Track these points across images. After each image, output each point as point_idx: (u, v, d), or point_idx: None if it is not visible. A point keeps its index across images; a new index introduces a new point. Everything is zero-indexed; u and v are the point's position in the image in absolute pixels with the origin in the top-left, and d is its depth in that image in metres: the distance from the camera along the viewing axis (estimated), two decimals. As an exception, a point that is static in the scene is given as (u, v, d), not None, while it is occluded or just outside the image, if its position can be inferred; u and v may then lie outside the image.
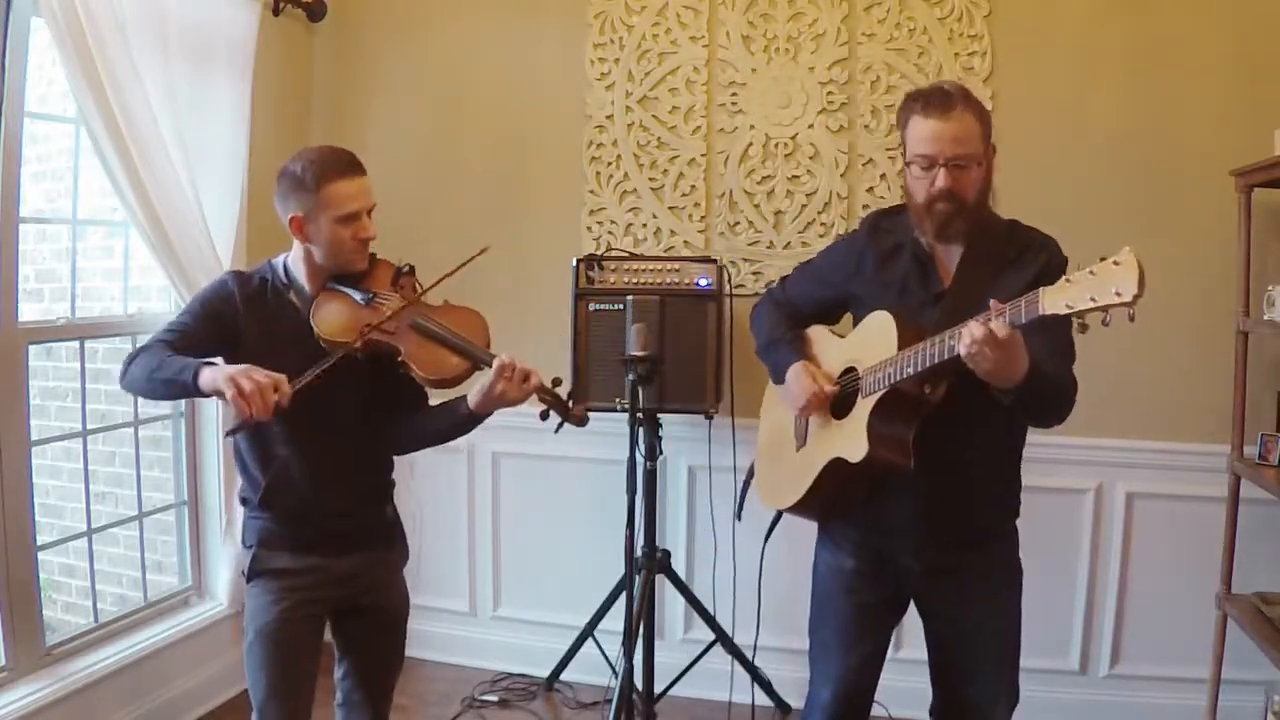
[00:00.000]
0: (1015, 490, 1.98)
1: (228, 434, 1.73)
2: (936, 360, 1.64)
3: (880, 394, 1.77)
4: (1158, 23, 2.84)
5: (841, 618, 1.98)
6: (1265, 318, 2.56)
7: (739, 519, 2.31)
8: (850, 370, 1.91)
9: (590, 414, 2.06)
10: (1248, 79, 2.77)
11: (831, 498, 1.95)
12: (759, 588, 2.31)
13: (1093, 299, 1.40)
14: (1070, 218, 2.87)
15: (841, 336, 2.03)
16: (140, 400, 2.96)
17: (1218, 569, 2.73)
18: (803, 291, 2.12)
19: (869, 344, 1.85)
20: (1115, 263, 1.38)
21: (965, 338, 1.55)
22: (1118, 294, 1.36)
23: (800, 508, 2.01)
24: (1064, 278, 1.45)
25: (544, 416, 1.98)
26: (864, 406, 1.81)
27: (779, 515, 2.16)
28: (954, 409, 1.75)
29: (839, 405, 1.92)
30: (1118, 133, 2.87)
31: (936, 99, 1.77)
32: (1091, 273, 1.41)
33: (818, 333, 2.09)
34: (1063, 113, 2.91)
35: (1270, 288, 2.55)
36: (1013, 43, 2.94)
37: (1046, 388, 1.69)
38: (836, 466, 1.86)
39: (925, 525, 1.87)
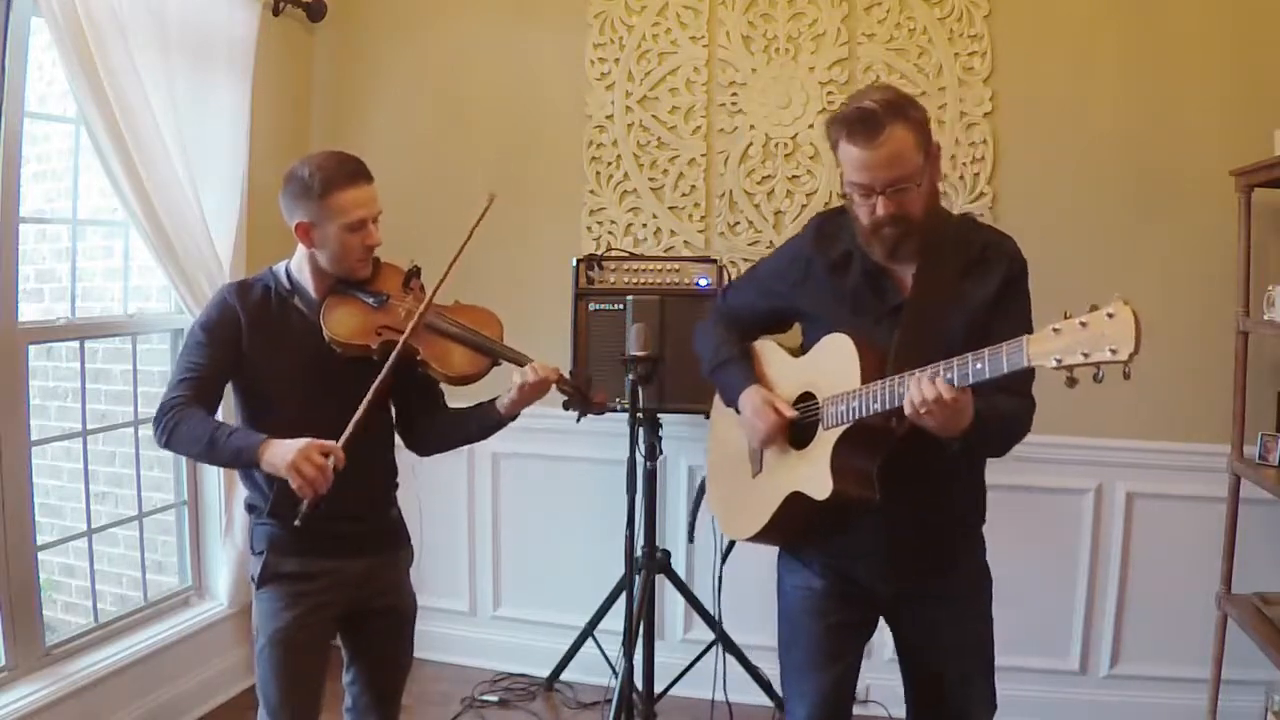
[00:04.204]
0: (981, 498, 1.88)
1: (298, 524, 1.74)
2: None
3: (844, 428, 1.67)
4: (1158, 23, 2.84)
5: (812, 639, 1.87)
6: (1265, 318, 2.56)
7: (691, 541, 2.26)
8: (807, 395, 1.81)
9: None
10: (1248, 79, 2.77)
11: (792, 530, 1.86)
12: (718, 603, 2.27)
13: (1084, 354, 1.29)
14: (1070, 218, 2.88)
15: (793, 353, 1.92)
16: (140, 400, 2.96)
17: (1218, 569, 2.73)
18: (747, 302, 1.99)
19: (828, 370, 1.74)
20: (1109, 314, 1.27)
21: (913, 396, 1.48)
22: (1112, 351, 1.26)
23: (760, 539, 1.90)
24: (1050, 327, 1.34)
25: (566, 407, 2.02)
26: (826, 440, 1.71)
27: (733, 541, 2.08)
28: (916, 434, 1.62)
29: (796, 433, 1.81)
30: (1118, 133, 2.87)
31: (861, 124, 1.61)
32: (1082, 324, 1.30)
33: (768, 350, 1.97)
34: (1063, 113, 2.91)
35: (1270, 288, 2.55)
36: (1013, 43, 2.94)
37: (994, 430, 1.62)
38: (797, 501, 1.76)
39: (892, 548, 1.78)
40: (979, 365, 1.44)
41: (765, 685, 2.97)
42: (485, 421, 1.99)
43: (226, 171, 2.90)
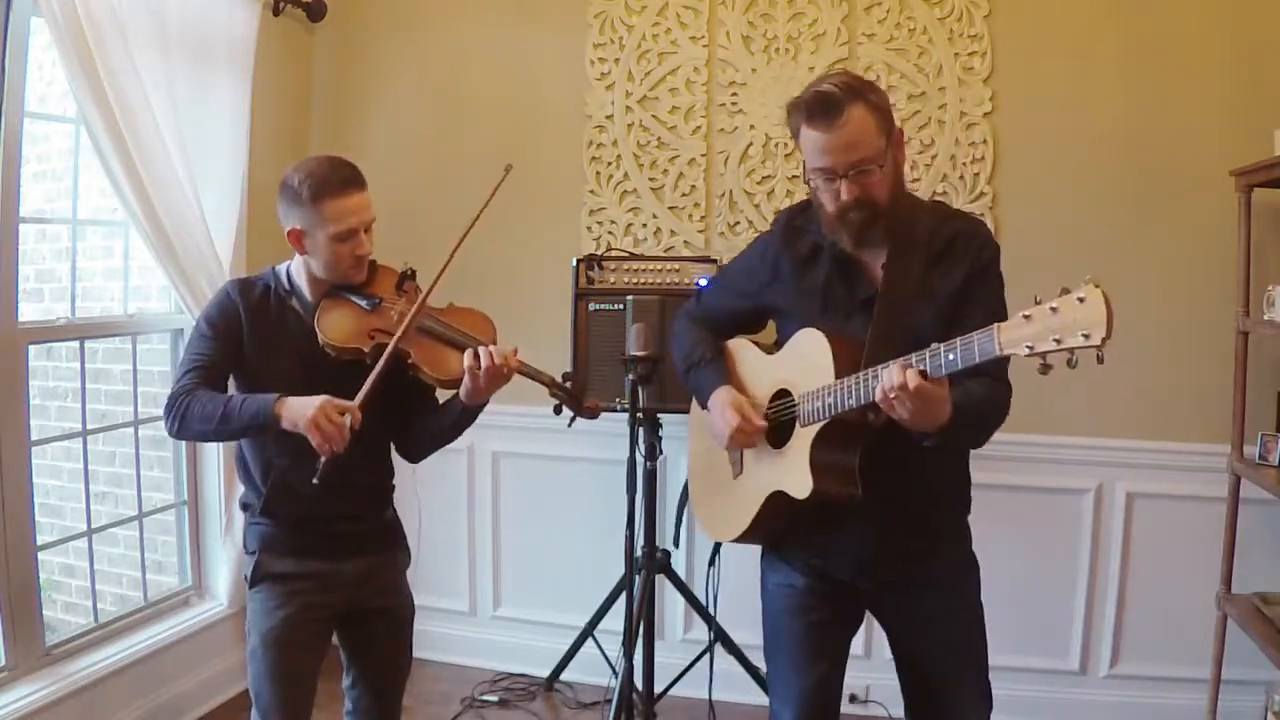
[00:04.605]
0: (965, 488, 1.86)
1: (317, 482, 1.74)
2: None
3: (821, 424, 1.66)
4: (1157, 23, 2.84)
5: (795, 638, 1.84)
6: (1265, 318, 2.56)
7: (677, 546, 2.26)
8: (783, 393, 1.79)
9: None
10: (1248, 79, 2.77)
11: (776, 529, 1.84)
12: (707, 604, 2.22)
13: (1056, 340, 1.27)
14: (1070, 218, 2.88)
15: (767, 350, 1.90)
16: (140, 400, 2.96)
17: (1218, 569, 2.73)
18: (719, 304, 1.99)
19: (802, 366, 1.72)
20: (1080, 299, 1.25)
21: (884, 383, 1.47)
22: (1085, 336, 1.24)
23: (744, 539, 1.89)
24: (1021, 313, 1.33)
25: (557, 411, 2.01)
26: (804, 437, 1.69)
27: (719, 543, 2.06)
28: (896, 425, 1.59)
29: (775, 430, 1.80)
30: (1118, 133, 2.87)
31: (820, 106, 1.61)
32: (1053, 309, 1.28)
33: (742, 349, 1.95)
34: (1063, 113, 2.90)
35: (1270, 288, 2.55)
36: (1013, 43, 2.94)
37: (973, 421, 1.60)
38: (779, 499, 1.75)
39: (876, 541, 1.75)
40: (951, 356, 1.43)
41: (765, 685, 2.96)
42: (452, 414, 1.95)
43: (226, 171, 2.90)
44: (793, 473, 1.71)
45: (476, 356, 1.82)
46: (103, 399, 3.25)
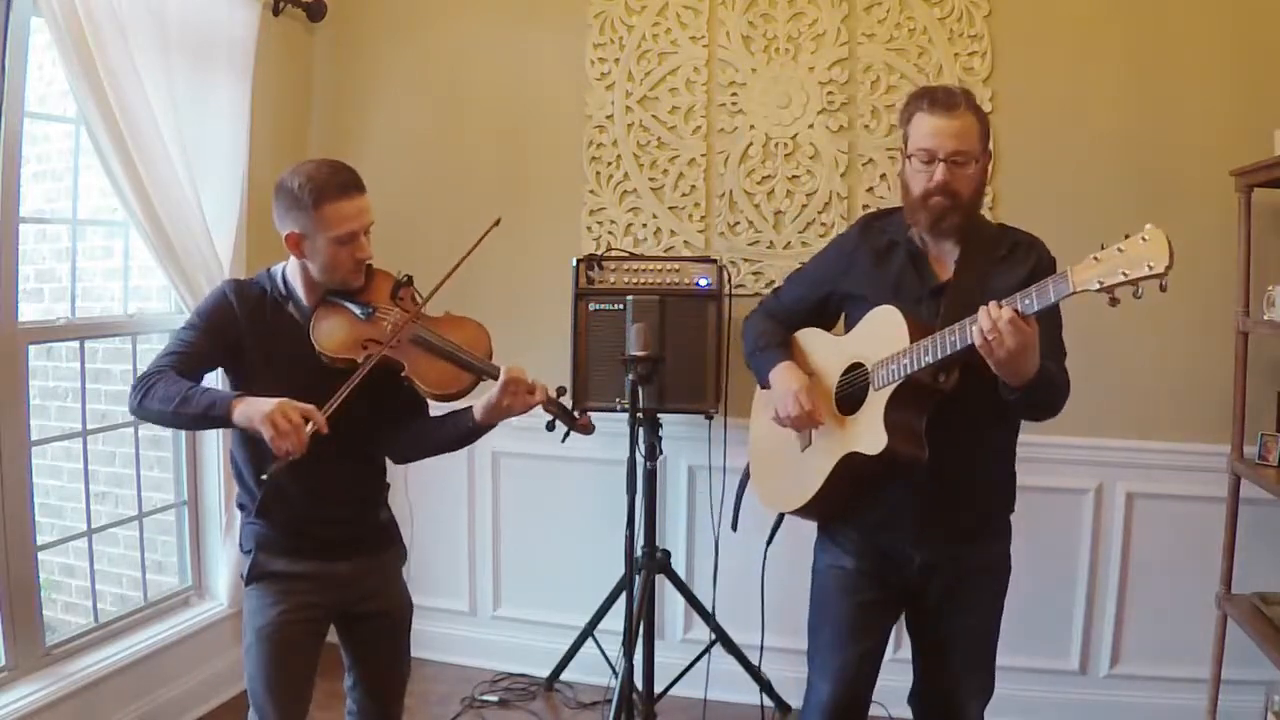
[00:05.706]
0: (1012, 482, 2.00)
1: (266, 479, 1.74)
2: (958, 347, 1.67)
3: (895, 385, 1.79)
4: (1158, 23, 2.84)
5: (841, 616, 1.99)
6: (1265, 318, 2.56)
7: (735, 529, 2.30)
8: (856, 365, 1.93)
9: (591, 415, 2.09)
10: (1248, 79, 2.77)
11: (842, 496, 1.95)
12: (761, 591, 2.29)
13: (1124, 274, 1.46)
14: (1070, 218, 2.88)
15: (837, 334, 2.04)
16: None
17: (1218, 569, 2.73)
18: (795, 295, 2.14)
19: (876, 338, 1.86)
20: (1143, 239, 1.46)
21: (984, 320, 1.59)
22: (1150, 267, 1.44)
23: (808, 509, 2.01)
24: (1091, 255, 1.51)
25: (550, 427, 2.00)
26: (878, 399, 1.83)
27: (781, 518, 2.15)
28: (957, 397, 1.79)
29: (846, 402, 1.94)
30: (1118, 133, 2.87)
31: (943, 97, 1.84)
32: (1120, 250, 1.48)
33: (812, 333, 2.09)
34: (1063, 113, 2.91)
35: (1270, 288, 2.55)
36: (1013, 43, 2.94)
37: (1049, 385, 1.75)
38: (851, 462, 1.87)
39: (926, 514, 1.89)
40: (1026, 301, 1.58)
41: (765, 686, 2.96)
42: (460, 429, 1.95)
43: (226, 171, 2.90)
44: (866, 433, 1.84)
45: (510, 379, 1.85)
46: (103, 399, 3.25)
